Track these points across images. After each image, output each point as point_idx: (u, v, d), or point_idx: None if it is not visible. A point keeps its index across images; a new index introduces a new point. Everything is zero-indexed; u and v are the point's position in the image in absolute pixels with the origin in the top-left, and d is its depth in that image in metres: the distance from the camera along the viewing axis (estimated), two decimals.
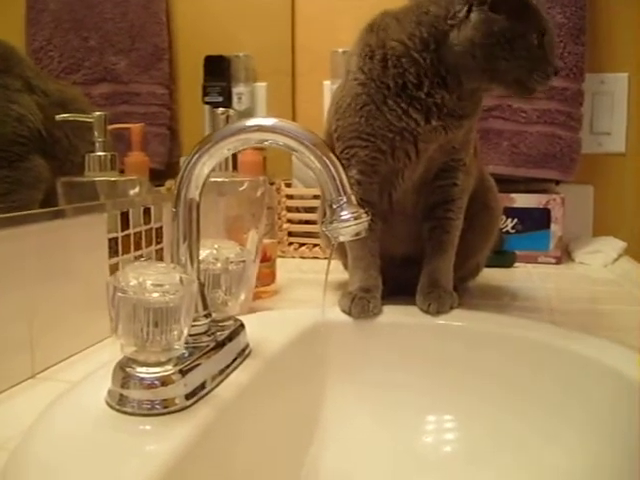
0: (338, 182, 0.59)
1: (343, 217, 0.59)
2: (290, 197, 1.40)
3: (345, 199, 0.59)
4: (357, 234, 0.60)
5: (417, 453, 0.80)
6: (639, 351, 0.72)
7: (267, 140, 0.61)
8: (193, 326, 0.61)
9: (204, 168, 0.61)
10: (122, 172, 0.94)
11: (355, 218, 0.59)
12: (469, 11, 0.82)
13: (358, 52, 0.89)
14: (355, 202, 0.59)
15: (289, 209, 1.40)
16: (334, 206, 0.59)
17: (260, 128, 0.61)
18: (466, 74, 0.84)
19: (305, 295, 1.06)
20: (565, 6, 1.34)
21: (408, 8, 0.89)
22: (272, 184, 1.34)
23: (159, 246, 0.92)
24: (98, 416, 0.55)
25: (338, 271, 1.04)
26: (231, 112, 0.88)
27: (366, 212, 0.60)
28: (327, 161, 0.59)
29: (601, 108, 1.49)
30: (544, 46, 0.83)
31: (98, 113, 0.89)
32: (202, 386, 0.60)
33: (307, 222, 1.39)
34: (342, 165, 0.60)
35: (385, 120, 0.87)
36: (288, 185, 1.41)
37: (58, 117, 0.86)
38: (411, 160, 0.89)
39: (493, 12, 0.81)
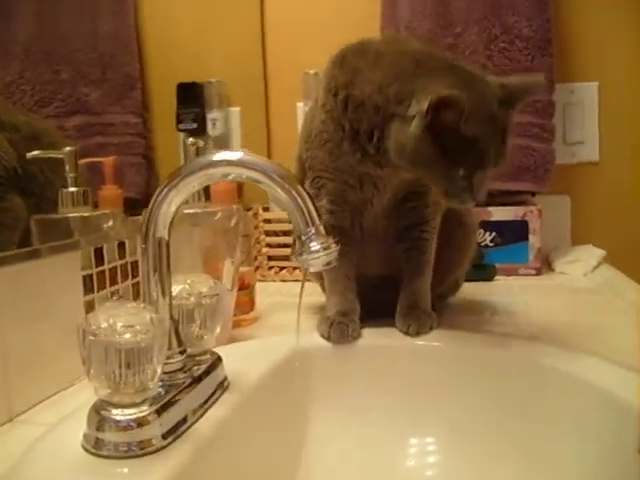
0: (306, 213, 0.59)
1: (313, 248, 0.59)
2: (268, 221, 1.40)
3: (314, 230, 0.59)
4: (327, 264, 0.60)
5: (401, 477, 0.80)
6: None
7: (234, 174, 0.62)
8: (168, 363, 0.61)
9: (171, 205, 0.61)
10: (96, 205, 0.93)
11: (324, 249, 0.59)
12: (414, 116, 0.77)
13: (325, 84, 0.89)
14: (324, 232, 0.60)
15: (268, 233, 1.40)
16: (303, 238, 0.59)
17: (227, 162, 0.61)
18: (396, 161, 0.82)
19: (285, 320, 1.05)
20: (531, 19, 1.35)
21: (384, 53, 0.84)
22: (249, 209, 1.34)
23: (135, 280, 0.92)
24: (74, 461, 0.55)
25: (317, 293, 1.04)
26: (200, 143, 0.88)
27: (335, 242, 0.60)
28: (294, 193, 0.59)
29: (573, 118, 1.50)
30: (472, 180, 0.78)
31: (68, 148, 0.89)
32: (179, 424, 0.60)
33: (286, 245, 1.39)
34: (310, 196, 0.60)
35: (345, 160, 0.87)
36: (266, 209, 1.41)
37: (29, 155, 0.85)
38: (379, 190, 0.89)
39: (432, 130, 0.75)
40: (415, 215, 0.93)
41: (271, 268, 1.41)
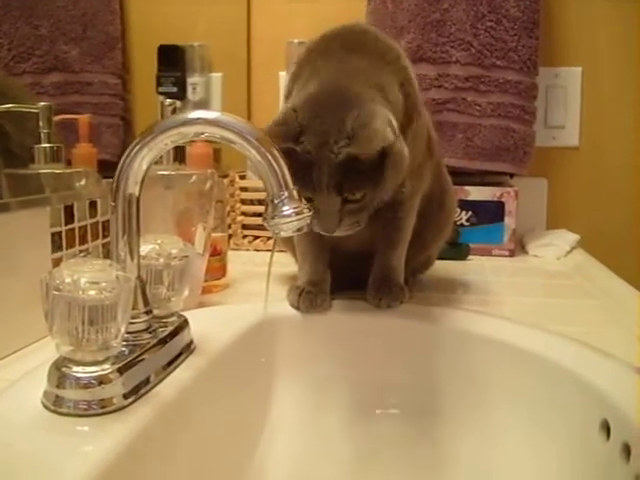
0: (280, 176, 0.58)
1: (285, 212, 0.58)
2: (244, 189, 1.38)
3: (287, 194, 0.58)
4: (299, 229, 0.59)
5: (365, 449, 0.80)
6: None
7: (208, 133, 0.60)
8: (133, 323, 0.60)
9: (143, 162, 0.60)
10: (69, 163, 0.92)
11: (297, 213, 0.58)
12: None
13: (293, 68, 0.88)
14: (297, 197, 0.59)
15: (243, 202, 1.39)
16: (275, 201, 0.59)
17: (203, 121, 0.60)
18: None
19: (256, 289, 1.04)
20: None
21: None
22: (226, 176, 1.33)
23: (106, 240, 0.90)
24: (33, 417, 0.54)
25: (290, 264, 1.03)
26: (178, 104, 0.87)
27: (308, 207, 0.59)
28: (269, 156, 0.58)
29: (555, 102, 1.50)
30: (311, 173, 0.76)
31: (43, 103, 0.87)
32: (142, 384, 0.59)
33: (261, 215, 1.37)
34: (285, 160, 0.59)
35: None
36: (242, 177, 1.39)
37: (1, 107, 0.83)
38: None
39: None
40: (392, 196, 0.92)
41: (245, 237, 1.39)
